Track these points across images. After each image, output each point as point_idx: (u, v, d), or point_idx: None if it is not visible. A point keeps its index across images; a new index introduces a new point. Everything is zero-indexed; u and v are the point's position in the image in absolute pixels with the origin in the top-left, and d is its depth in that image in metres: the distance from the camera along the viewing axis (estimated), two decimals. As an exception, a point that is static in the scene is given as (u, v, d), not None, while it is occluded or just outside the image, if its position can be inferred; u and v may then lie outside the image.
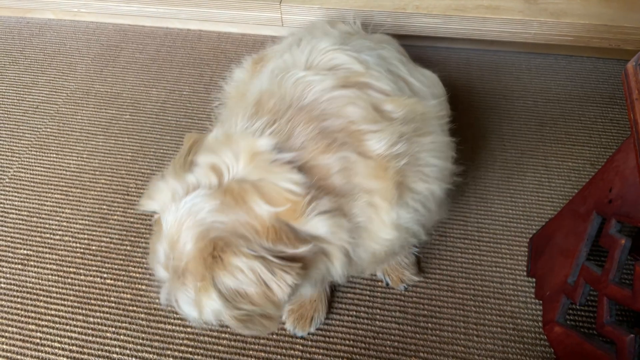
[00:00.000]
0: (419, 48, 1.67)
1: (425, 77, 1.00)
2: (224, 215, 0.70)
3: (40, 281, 1.17)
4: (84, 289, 1.16)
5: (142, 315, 1.11)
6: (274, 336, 1.07)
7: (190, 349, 1.06)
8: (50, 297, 1.14)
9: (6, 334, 1.09)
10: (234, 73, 1.33)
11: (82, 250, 1.22)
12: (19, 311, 1.12)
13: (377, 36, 1.13)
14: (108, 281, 1.17)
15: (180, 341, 1.07)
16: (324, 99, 0.79)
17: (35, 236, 1.25)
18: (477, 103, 1.51)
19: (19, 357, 1.06)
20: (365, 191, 0.76)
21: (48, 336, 1.09)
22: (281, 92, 0.81)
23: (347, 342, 1.07)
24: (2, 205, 1.31)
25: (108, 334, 1.09)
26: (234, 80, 1.33)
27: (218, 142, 0.78)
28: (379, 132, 0.77)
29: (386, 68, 0.90)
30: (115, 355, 1.06)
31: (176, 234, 0.71)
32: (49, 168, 1.39)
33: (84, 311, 1.12)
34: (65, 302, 1.13)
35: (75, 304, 1.13)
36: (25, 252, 1.22)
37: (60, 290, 1.15)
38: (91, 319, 1.11)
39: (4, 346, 1.07)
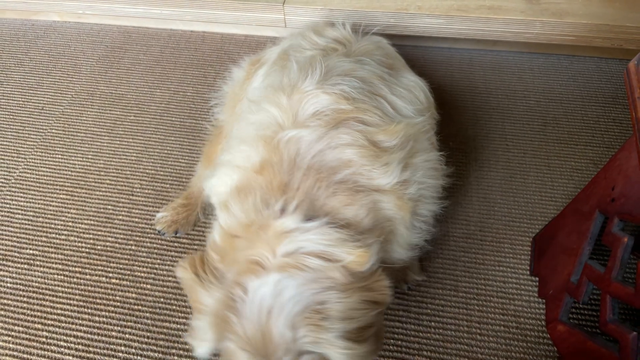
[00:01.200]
0: (421, 48, 1.68)
1: (408, 89, 1.00)
2: (295, 285, 0.70)
3: (46, 281, 1.18)
4: (89, 288, 1.16)
5: (148, 314, 1.12)
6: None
7: (195, 348, 1.07)
8: (56, 296, 1.15)
9: (12, 333, 1.10)
10: (232, 73, 1.35)
11: (87, 250, 1.23)
12: (25, 310, 1.13)
13: (365, 43, 1.11)
14: (113, 280, 1.18)
15: (185, 340, 1.08)
16: (322, 149, 0.80)
17: (41, 236, 1.26)
18: (479, 103, 1.52)
19: (25, 356, 1.07)
20: (388, 218, 0.82)
21: (54, 335, 1.09)
22: (279, 157, 0.80)
23: (351, 340, 1.07)
24: (8, 205, 1.32)
25: (113, 333, 1.09)
26: (233, 80, 1.34)
27: (238, 240, 0.76)
28: (384, 166, 0.80)
29: (369, 92, 0.90)
30: (120, 354, 1.06)
31: (262, 340, 0.69)
32: (54, 169, 1.40)
33: (89, 310, 1.13)
34: (71, 302, 1.14)
35: (81, 303, 1.14)
36: (31, 252, 1.23)
37: (66, 289, 1.16)
38: (97, 318, 1.12)
39: (11, 345, 1.08)
